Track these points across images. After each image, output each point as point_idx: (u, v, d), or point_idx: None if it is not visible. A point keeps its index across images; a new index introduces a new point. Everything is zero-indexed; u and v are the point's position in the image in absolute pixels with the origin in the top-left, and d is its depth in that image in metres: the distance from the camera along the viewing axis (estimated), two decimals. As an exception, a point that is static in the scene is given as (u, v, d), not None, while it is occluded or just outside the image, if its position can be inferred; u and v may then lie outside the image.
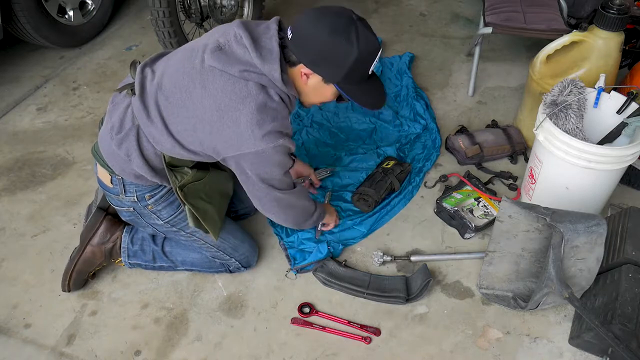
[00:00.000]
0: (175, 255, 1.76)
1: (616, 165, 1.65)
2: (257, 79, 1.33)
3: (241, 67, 1.31)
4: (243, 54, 1.33)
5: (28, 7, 2.62)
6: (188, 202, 1.51)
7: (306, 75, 1.39)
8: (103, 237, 1.73)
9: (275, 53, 1.33)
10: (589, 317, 1.41)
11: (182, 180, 1.49)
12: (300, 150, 2.25)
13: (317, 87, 1.43)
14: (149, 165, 1.46)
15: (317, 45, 1.32)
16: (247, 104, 1.32)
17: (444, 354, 1.57)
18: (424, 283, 1.67)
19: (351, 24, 1.31)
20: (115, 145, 1.45)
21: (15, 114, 2.59)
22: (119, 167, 1.49)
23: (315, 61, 1.35)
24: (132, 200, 1.56)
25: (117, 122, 1.46)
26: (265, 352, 1.59)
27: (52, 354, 1.61)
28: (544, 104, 1.80)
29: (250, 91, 1.32)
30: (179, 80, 1.38)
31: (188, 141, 1.41)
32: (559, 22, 2.33)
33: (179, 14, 2.53)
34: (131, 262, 1.75)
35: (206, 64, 1.35)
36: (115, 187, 1.55)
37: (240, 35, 1.34)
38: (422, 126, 2.35)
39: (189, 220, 1.56)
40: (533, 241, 1.68)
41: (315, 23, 1.32)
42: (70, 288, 1.72)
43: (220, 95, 1.33)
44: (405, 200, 2.05)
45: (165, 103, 1.40)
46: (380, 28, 3.18)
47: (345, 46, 1.30)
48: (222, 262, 1.74)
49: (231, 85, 1.32)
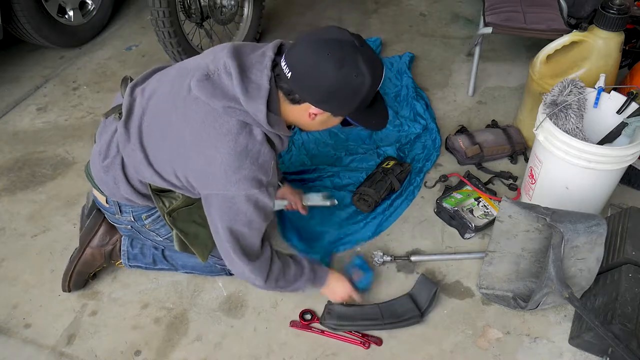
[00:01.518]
0: (175, 260, 1.75)
1: (616, 165, 1.65)
2: (240, 116, 1.22)
3: (225, 102, 1.21)
4: (230, 86, 1.22)
5: (28, 7, 2.62)
6: (176, 227, 1.45)
7: (315, 114, 1.28)
8: (102, 239, 1.72)
9: (264, 89, 1.21)
10: (589, 317, 1.41)
11: (170, 206, 1.43)
12: (300, 150, 2.25)
13: (325, 121, 1.33)
14: (137, 192, 1.43)
15: (325, 84, 1.19)
16: (225, 143, 1.22)
17: (444, 354, 1.57)
18: (432, 293, 1.64)
19: (356, 52, 1.18)
20: (103, 171, 1.42)
21: (15, 114, 2.59)
22: (109, 191, 1.47)
23: (325, 100, 1.23)
24: (128, 219, 1.54)
25: (104, 148, 1.42)
26: (265, 352, 1.59)
27: (52, 354, 1.61)
28: (544, 104, 1.80)
29: (230, 129, 1.22)
30: (163, 105, 1.31)
31: (166, 172, 1.34)
32: (559, 22, 2.33)
33: (179, 14, 2.53)
34: (131, 264, 1.75)
35: (192, 93, 1.25)
36: (111, 207, 1.52)
37: (229, 65, 1.23)
38: (422, 126, 2.35)
39: (175, 244, 1.50)
40: (533, 241, 1.68)
41: (316, 58, 1.18)
42: (70, 289, 1.72)
43: (200, 128, 1.23)
44: (407, 202, 2.04)
45: (147, 130, 1.33)
46: (380, 28, 3.18)
47: (357, 79, 1.19)
48: (222, 267, 1.73)
49: (212, 119, 1.22)
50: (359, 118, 1.31)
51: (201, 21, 2.64)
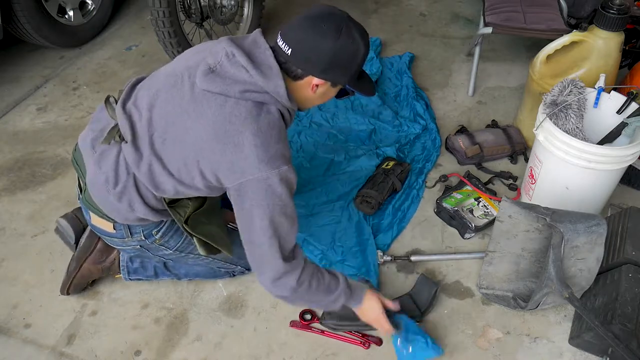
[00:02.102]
0: (178, 269, 1.73)
1: (616, 165, 1.65)
2: (257, 98, 1.25)
3: (240, 87, 1.24)
4: (239, 73, 1.24)
5: (28, 7, 2.62)
6: (196, 233, 1.45)
7: (317, 85, 1.33)
8: (99, 257, 1.69)
9: (276, 68, 1.26)
10: (589, 317, 1.41)
11: (185, 214, 1.42)
12: (298, 153, 2.24)
13: (325, 93, 1.38)
14: (153, 209, 1.40)
15: (326, 54, 1.26)
16: (248, 126, 1.23)
17: (444, 354, 1.57)
18: (433, 293, 1.64)
19: (349, 22, 1.28)
20: (115, 199, 1.36)
21: (15, 114, 2.59)
22: (122, 217, 1.42)
23: (327, 69, 1.29)
24: (139, 239, 1.50)
25: (111, 175, 1.35)
26: (265, 352, 1.59)
27: (52, 354, 1.61)
28: (544, 104, 1.80)
29: (250, 111, 1.24)
30: (171, 114, 1.29)
31: (190, 176, 1.32)
32: (559, 22, 2.33)
33: (179, 14, 2.53)
34: (131, 278, 1.73)
35: (197, 89, 1.26)
36: (120, 231, 1.47)
37: (234, 53, 1.25)
38: (422, 126, 2.35)
39: (200, 250, 1.49)
40: (533, 241, 1.68)
41: (313, 31, 1.25)
42: (69, 294, 1.72)
43: (219, 120, 1.24)
44: (414, 205, 2.02)
45: (160, 143, 1.31)
46: (380, 28, 3.18)
47: (353, 46, 1.28)
48: (226, 271, 1.73)
49: (229, 107, 1.24)
50: (355, 85, 1.38)
51: (201, 21, 2.64)
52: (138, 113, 1.34)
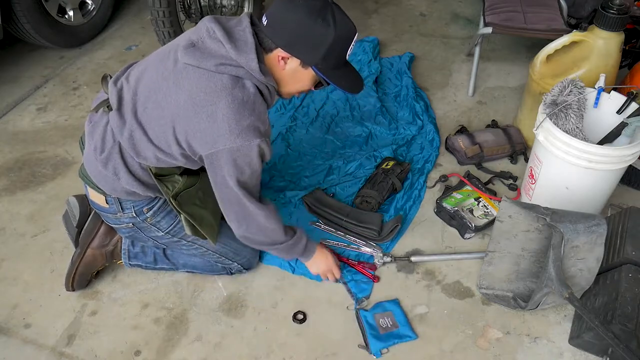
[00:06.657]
0: (176, 258, 1.76)
1: (616, 165, 1.65)
2: (232, 72, 1.31)
3: (216, 60, 1.30)
4: (217, 48, 1.31)
5: (28, 7, 2.62)
6: (183, 211, 1.48)
7: (284, 59, 1.36)
8: (103, 240, 1.72)
9: (250, 43, 1.31)
10: (589, 317, 1.41)
11: (174, 189, 1.46)
12: (296, 161, 2.22)
13: (296, 72, 1.40)
14: (139, 181, 1.45)
15: (293, 27, 1.31)
16: (223, 97, 1.29)
17: (444, 354, 1.57)
18: (393, 226, 1.83)
19: (327, 6, 1.31)
20: (101, 165, 1.43)
21: (15, 114, 2.59)
22: (109, 187, 1.48)
23: (292, 43, 1.33)
24: (130, 216, 1.54)
25: (99, 142, 1.43)
26: (265, 352, 1.59)
27: (52, 354, 1.61)
28: (544, 104, 1.80)
29: (225, 84, 1.30)
30: (154, 84, 1.37)
31: (167, 143, 1.38)
32: (559, 22, 2.33)
33: (179, 14, 2.53)
34: (131, 263, 1.75)
35: (180, 63, 1.33)
36: (112, 206, 1.53)
37: (213, 29, 1.32)
38: (418, 127, 2.34)
39: (186, 228, 1.53)
40: (533, 241, 1.68)
41: (291, 6, 1.31)
42: (74, 288, 1.72)
43: (195, 90, 1.31)
44: (416, 206, 2.02)
45: (142, 111, 1.38)
46: (380, 28, 3.18)
47: (322, 27, 1.30)
48: (223, 266, 1.74)
49: (205, 79, 1.30)
50: (329, 74, 1.39)
51: (201, 21, 2.64)
52: (127, 85, 1.42)
